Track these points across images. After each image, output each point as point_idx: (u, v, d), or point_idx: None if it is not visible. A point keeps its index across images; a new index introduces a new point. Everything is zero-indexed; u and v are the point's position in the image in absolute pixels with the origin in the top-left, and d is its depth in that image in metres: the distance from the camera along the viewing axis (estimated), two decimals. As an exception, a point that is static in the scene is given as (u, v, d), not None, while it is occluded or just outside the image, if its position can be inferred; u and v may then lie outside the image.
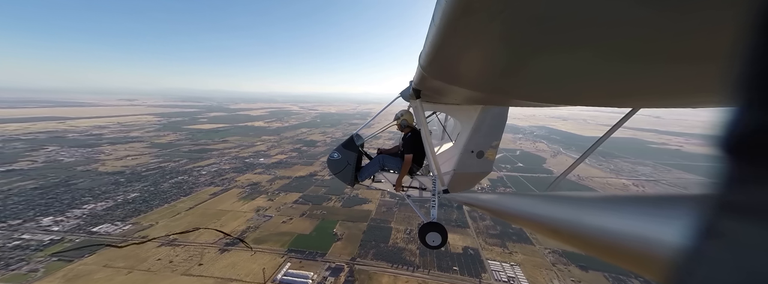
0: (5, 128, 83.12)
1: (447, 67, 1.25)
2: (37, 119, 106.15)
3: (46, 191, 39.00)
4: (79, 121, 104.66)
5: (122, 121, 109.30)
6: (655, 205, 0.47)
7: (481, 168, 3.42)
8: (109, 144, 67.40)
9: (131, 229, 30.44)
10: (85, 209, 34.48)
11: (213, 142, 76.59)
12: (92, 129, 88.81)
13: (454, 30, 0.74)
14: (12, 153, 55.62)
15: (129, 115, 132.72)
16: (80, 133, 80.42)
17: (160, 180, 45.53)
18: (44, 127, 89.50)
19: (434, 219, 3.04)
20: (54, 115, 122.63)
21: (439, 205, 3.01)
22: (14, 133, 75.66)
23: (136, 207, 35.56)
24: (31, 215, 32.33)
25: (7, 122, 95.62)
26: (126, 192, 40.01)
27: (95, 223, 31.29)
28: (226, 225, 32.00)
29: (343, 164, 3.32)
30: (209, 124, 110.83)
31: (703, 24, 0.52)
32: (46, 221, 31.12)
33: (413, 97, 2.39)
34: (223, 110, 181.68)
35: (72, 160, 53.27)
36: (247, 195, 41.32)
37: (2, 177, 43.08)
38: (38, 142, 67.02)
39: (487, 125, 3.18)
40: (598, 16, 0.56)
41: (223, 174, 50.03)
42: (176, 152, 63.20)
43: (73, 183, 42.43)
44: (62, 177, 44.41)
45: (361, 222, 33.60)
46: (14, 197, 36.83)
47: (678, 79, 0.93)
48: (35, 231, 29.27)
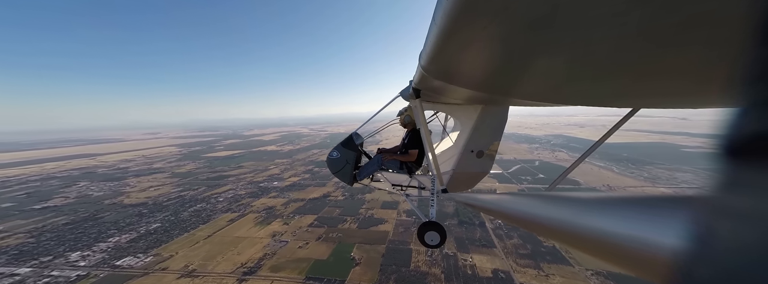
0: (44, 167, 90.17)
1: (447, 67, 1.25)
2: (71, 157, 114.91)
3: (75, 226, 40.64)
4: (107, 156, 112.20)
5: (146, 154, 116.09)
6: (654, 206, 0.47)
7: (481, 167, 3.34)
8: (134, 177, 71.01)
9: (152, 261, 30.52)
10: (110, 242, 35.30)
11: (229, 168, 79.06)
12: (119, 163, 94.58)
13: (455, 30, 0.74)
14: (48, 191, 59.54)
15: (152, 148, 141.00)
16: (108, 168, 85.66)
17: (180, 209, 46.60)
18: (77, 164, 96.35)
19: (433, 219, 2.97)
20: (86, 153, 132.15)
21: (461, 223, 3.11)
22: (52, 172, 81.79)
23: (158, 238, 36.06)
24: (61, 251, 33.36)
25: (46, 162, 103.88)
26: (148, 223, 40.99)
27: (119, 256, 31.73)
28: (243, 253, 31.52)
29: (342, 163, 3.27)
30: (225, 151, 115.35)
31: (702, 25, 0.52)
32: (74, 256, 31.92)
33: (413, 96, 2.34)
34: (237, 137, 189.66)
35: (101, 194, 56.11)
36: (263, 220, 41.21)
37: (38, 214, 45.63)
38: (71, 178, 71.74)
39: (487, 125, 3.12)
40: (597, 16, 0.56)
41: (239, 199, 50.71)
42: (195, 180, 65.43)
43: (100, 216, 44.14)
44: (91, 211, 46.45)
45: (378, 245, 32.21)
46: (47, 233, 38.50)
47: (677, 79, 0.94)
48: (63, 267, 29.89)
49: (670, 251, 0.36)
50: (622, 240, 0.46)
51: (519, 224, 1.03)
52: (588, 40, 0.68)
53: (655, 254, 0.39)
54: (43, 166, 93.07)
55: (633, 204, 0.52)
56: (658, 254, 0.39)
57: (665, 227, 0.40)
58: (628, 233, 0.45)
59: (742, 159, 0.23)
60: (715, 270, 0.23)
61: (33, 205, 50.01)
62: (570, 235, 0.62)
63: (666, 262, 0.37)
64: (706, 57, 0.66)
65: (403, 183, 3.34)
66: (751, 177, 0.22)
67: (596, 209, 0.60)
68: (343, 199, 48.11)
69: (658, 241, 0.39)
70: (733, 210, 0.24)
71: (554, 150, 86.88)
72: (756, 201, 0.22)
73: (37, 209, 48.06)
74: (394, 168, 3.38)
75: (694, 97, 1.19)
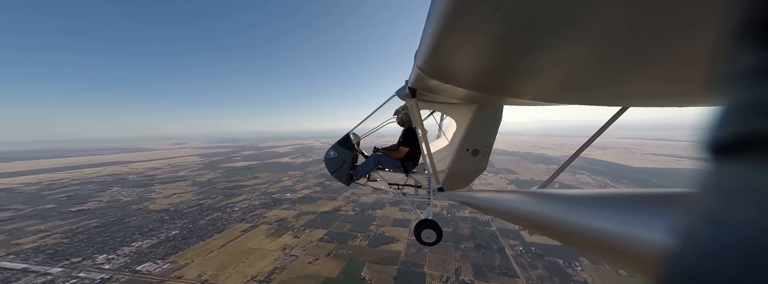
0: (84, 173, 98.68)
1: (442, 66, 1.26)
2: (107, 164, 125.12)
3: (104, 229, 43.23)
4: (138, 164, 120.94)
5: (172, 163, 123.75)
6: (642, 203, 0.49)
7: (476, 166, 3.39)
8: (160, 184, 75.49)
9: (169, 268, 31.35)
10: (133, 247, 36.96)
11: (245, 178, 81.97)
12: (148, 170, 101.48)
13: (450, 29, 0.75)
14: (85, 195, 64.59)
15: (178, 157, 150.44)
16: (138, 174, 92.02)
17: (198, 217, 48.35)
18: (111, 170, 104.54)
19: (430, 217, 2.98)
20: (120, 160, 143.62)
21: (477, 247, 3.33)
22: (89, 177, 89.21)
23: (176, 245, 37.28)
24: (89, 253, 35.34)
25: (86, 168, 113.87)
26: (168, 229, 42.72)
27: (140, 261, 32.96)
28: (254, 265, 31.60)
29: (339, 162, 3.27)
30: (242, 162, 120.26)
31: (690, 25, 0.54)
32: (101, 259, 33.61)
33: (409, 95, 2.33)
34: (254, 149, 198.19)
35: (129, 199, 59.86)
36: (274, 231, 41.53)
37: (74, 216, 49.27)
38: (106, 183, 77.64)
39: (482, 124, 3.15)
40: (589, 16, 0.57)
41: (253, 210, 51.87)
42: (213, 189, 68.23)
43: (126, 221, 46.77)
44: (119, 215, 49.43)
45: (390, 265, 31.01)
46: (79, 235, 41.19)
47: (667, 78, 0.96)
48: (90, 270, 31.45)
49: (657, 247, 0.37)
50: (612, 237, 0.48)
51: (513, 220, 1.09)
52: (581, 40, 0.69)
53: (642, 250, 0.41)
54: (83, 172, 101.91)
55: (622, 201, 0.53)
56: (645, 250, 0.40)
57: (653, 224, 0.41)
58: (617, 229, 0.47)
59: (727, 157, 0.23)
60: (700, 266, 0.24)
61: (70, 207, 54.22)
62: (562, 231, 0.64)
63: (653, 258, 0.38)
64: (695, 56, 0.68)
65: (400, 182, 3.34)
66: (737, 175, 0.23)
67: (588, 206, 0.61)
68: (354, 214, 47.66)
69: (646, 238, 0.41)
70: (718, 208, 0.24)
71: (575, 173, 79.93)
72: (740, 200, 0.22)
73: (74, 211, 51.97)
74: (391, 167, 3.36)
75: (682, 96, 1.21)
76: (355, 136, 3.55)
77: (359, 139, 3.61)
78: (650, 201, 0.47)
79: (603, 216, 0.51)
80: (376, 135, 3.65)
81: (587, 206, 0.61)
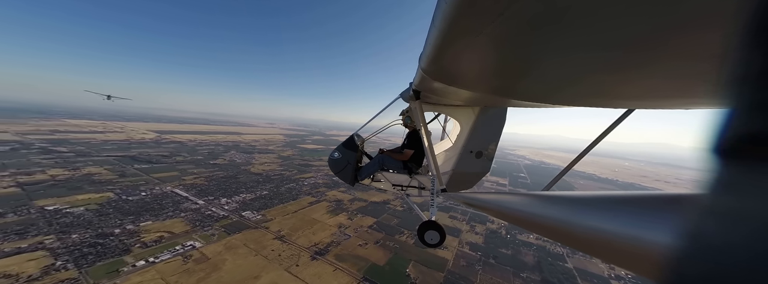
0: (215, 137, 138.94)
1: (447, 69, 1.26)
2: (228, 133, 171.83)
3: (226, 180, 60.02)
4: (245, 136, 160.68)
5: (266, 138, 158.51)
6: (647, 205, 0.48)
7: (480, 168, 3.35)
8: (258, 153, 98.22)
9: (260, 219, 40.78)
10: (240, 197, 49.89)
11: (313, 159, 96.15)
12: (251, 141, 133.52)
13: (454, 32, 0.74)
14: (217, 153, 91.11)
15: (269, 134, 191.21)
16: (246, 144, 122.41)
17: (280, 184, 60.39)
18: (231, 138, 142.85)
19: (433, 218, 3.00)
20: (235, 131, 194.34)
21: (544, 282, 2.76)
22: (219, 141, 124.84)
23: (266, 202, 47.99)
24: (217, 195, 50.04)
25: (217, 134, 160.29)
26: (261, 189, 55.35)
27: (244, 209, 44.29)
28: (317, 234, 37.02)
29: (344, 163, 3.33)
30: (312, 145, 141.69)
31: (697, 26, 0.53)
32: (223, 201, 47.05)
33: (413, 98, 2.31)
34: (321, 135, 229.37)
35: (241, 161, 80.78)
36: (333, 209, 47.29)
37: (212, 167, 70.52)
38: (228, 147, 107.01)
39: (486, 125, 3.13)
40: (595, 17, 0.57)
41: (317, 187, 60.54)
42: (291, 164, 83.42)
43: (237, 177, 63.36)
44: (234, 172, 67.47)
45: (436, 272, 30.15)
46: (213, 181, 58.70)
47: (673, 80, 0.91)
48: (216, 208, 44.61)
49: (662, 249, 0.37)
50: (616, 238, 0.47)
51: (516, 222, 1.04)
52: (587, 41, 0.68)
53: (647, 252, 0.40)
54: (215, 136, 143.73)
55: (627, 203, 0.54)
56: (650, 252, 0.40)
57: (658, 225, 0.41)
58: (621, 231, 0.47)
59: (733, 159, 0.23)
60: (705, 268, 0.24)
61: (209, 160, 77.76)
62: (566, 233, 0.64)
63: (658, 260, 0.37)
64: (701, 57, 0.67)
65: (403, 183, 3.40)
66: (742, 177, 0.23)
67: (592, 207, 0.61)
68: (402, 210, 48.45)
69: (651, 239, 0.40)
70: (724, 209, 0.24)
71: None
72: (746, 201, 0.22)
73: (211, 163, 74.31)
74: (395, 168, 3.40)
75: (688, 98, 1.17)
76: (359, 137, 3.57)
77: (364, 140, 3.66)
78: (656, 203, 0.47)
79: (609, 217, 0.52)
80: (382, 136, 3.72)
81: (592, 208, 0.61)
